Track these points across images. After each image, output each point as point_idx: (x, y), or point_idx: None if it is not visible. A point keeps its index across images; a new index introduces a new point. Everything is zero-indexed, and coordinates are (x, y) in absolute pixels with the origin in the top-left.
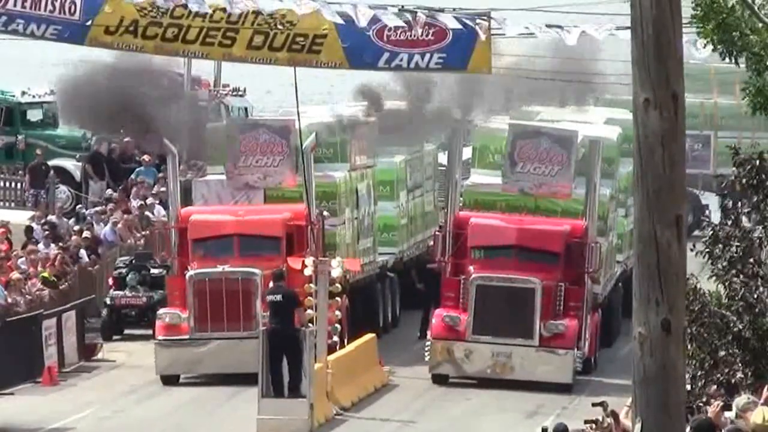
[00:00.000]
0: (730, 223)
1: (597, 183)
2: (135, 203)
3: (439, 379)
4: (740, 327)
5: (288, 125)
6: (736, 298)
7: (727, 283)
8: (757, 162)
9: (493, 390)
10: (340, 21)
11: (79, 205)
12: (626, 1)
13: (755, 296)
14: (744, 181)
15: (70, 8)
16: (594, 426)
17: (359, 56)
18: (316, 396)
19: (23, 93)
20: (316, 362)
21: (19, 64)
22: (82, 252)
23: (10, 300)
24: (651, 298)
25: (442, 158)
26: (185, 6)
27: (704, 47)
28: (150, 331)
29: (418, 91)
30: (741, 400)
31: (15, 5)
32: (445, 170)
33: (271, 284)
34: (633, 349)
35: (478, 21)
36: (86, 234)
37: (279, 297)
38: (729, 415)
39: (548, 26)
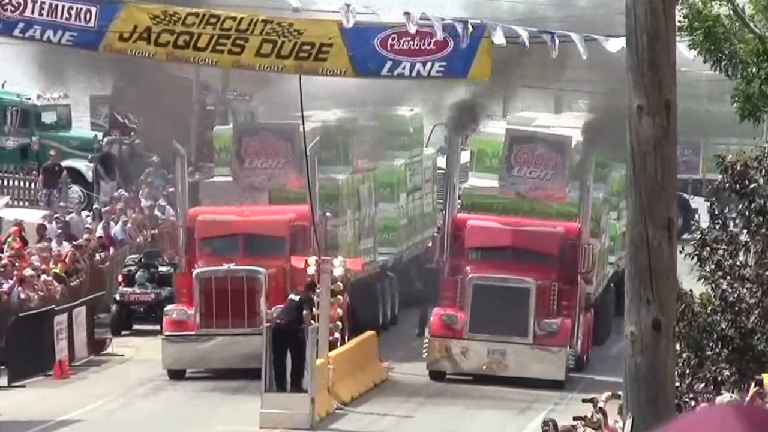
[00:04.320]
0: (718, 227)
1: (590, 186)
2: (145, 203)
3: (437, 376)
4: (723, 326)
5: (292, 128)
6: (719, 299)
7: (714, 285)
8: (738, 167)
9: (489, 386)
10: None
11: (96, 205)
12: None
13: (736, 295)
14: (727, 185)
15: (85, 16)
16: (583, 422)
17: (364, 64)
18: (317, 391)
19: (38, 96)
20: (318, 358)
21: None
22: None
23: (23, 296)
24: (642, 297)
25: (441, 162)
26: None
27: (694, 59)
28: (158, 327)
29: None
30: (724, 398)
31: (33, 12)
32: (443, 173)
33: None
34: (624, 347)
35: (468, 25)
36: (99, 233)
37: (297, 297)
38: None
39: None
